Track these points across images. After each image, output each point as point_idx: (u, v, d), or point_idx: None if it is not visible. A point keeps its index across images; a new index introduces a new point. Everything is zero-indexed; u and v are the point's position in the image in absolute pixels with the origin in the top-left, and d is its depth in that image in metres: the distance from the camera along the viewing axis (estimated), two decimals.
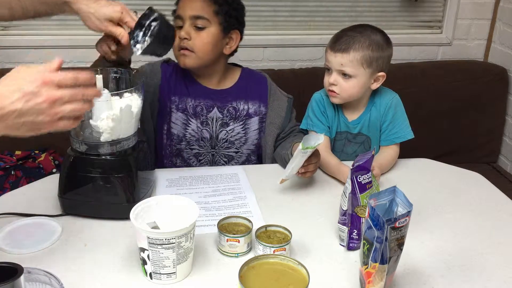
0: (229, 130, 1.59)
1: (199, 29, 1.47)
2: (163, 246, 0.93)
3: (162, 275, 0.96)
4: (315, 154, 1.34)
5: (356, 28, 1.46)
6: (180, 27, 1.48)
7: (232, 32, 1.54)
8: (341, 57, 1.42)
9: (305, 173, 1.35)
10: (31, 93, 0.79)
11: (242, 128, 1.60)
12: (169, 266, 0.95)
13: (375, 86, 1.47)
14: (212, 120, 1.58)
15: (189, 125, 1.57)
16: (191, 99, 1.57)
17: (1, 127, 0.79)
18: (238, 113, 1.59)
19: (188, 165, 1.60)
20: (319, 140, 1.25)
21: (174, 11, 1.56)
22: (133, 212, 0.97)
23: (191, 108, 1.57)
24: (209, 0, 1.48)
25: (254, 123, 1.61)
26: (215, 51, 1.52)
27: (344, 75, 1.43)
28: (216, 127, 1.58)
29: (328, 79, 1.47)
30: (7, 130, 0.80)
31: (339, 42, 1.44)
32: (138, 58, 2.22)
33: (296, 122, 1.67)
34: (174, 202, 1.04)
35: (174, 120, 1.58)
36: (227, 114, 1.58)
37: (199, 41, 1.47)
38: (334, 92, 1.46)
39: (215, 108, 1.57)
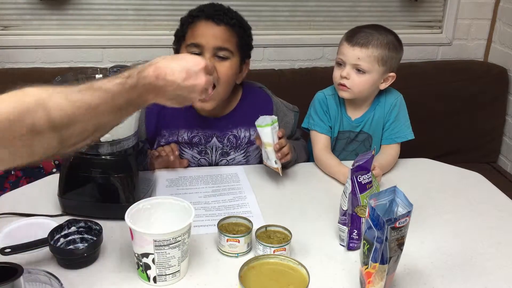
0: (229, 160, 1.52)
1: (221, 59, 1.37)
2: (170, 246, 0.93)
3: (167, 275, 0.96)
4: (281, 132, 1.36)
5: (372, 26, 1.47)
6: (195, 54, 1.34)
7: (246, 61, 1.48)
8: (359, 51, 1.41)
9: (280, 149, 1.33)
10: (193, 73, 0.92)
11: (243, 156, 1.52)
12: (175, 265, 0.96)
13: (383, 86, 1.48)
14: (212, 149, 1.50)
15: (183, 155, 1.50)
16: (185, 130, 1.48)
17: (160, 94, 0.90)
18: (239, 142, 1.50)
19: None
20: (271, 119, 1.33)
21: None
22: (128, 218, 0.95)
23: (185, 139, 1.48)
24: (233, 32, 1.39)
25: (255, 148, 1.52)
26: (233, 82, 1.44)
27: (358, 70, 1.43)
28: (216, 156, 1.51)
29: (340, 73, 1.46)
30: (161, 97, 0.91)
31: (357, 36, 1.43)
32: (138, 59, 2.23)
33: (297, 130, 1.61)
34: (164, 204, 1.03)
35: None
36: (227, 144, 1.50)
37: (222, 73, 1.36)
38: (345, 86, 1.45)
39: (214, 138, 1.49)
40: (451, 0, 2.40)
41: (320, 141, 1.52)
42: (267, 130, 1.31)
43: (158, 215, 1.02)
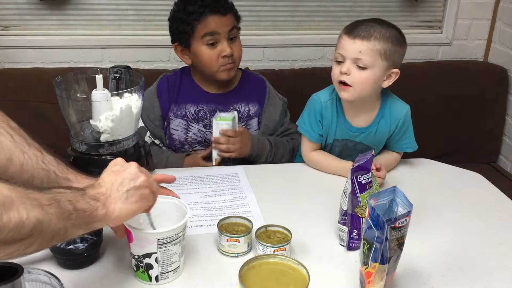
0: None
1: (234, 39, 1.57)
2: (172, 242, 0.93)
3: (169, 273, 0.96)
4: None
5: (373, 20, 1.37)
6: (211, 45, 1.54)
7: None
8: (360, 43, 1.30)
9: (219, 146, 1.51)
10: (120, 165, 0.87)
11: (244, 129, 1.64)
12: (176, 261, 0.96)
13: (386, 84, 1.37)
14: None
15: (190, 130, 1.63)
16: (191, 105, 1.63)
17: (111, 202, 0.82)
18: (240, 115, 1.64)
19: None
20: (230, 115, 1.52)
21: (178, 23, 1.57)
22: (127, 222, 0.94)
23: (192, 113, 1.63)
24: (233, 14, 1.58)
25: (254, 123, 1.67)
26: None
27: (359, 66, 1.32)
28: None
29: (340, 69, 1.34)
30: (116, 204, 0.82)
31: (358, 29, 1.32)
32: (138, 59, 2.23)
33: (289, 125, 1.71)
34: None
35: (174, 127, 1.63)
36: None
37: (237, 51, 1.57)
38: (346, 85, 1.35)
39: (218, 112, 1.61)
40: (451, 0, 2.40)
41: (310, 146, 1.49)
42: (214, 123, 1.52)
43: (144, 215, 1.00)
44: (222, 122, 1.50)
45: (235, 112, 1.59)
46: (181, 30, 1.56)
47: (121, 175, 0.85)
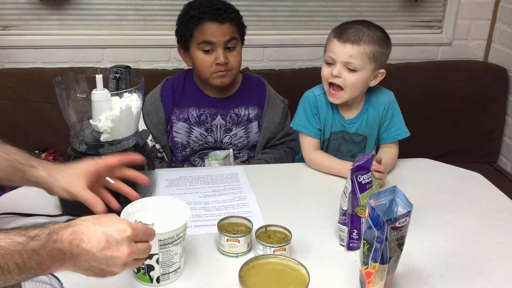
0: (232, 135, 1.66)
1: (231, 49, 1.57)
2: (173, 243, 0.93)
3: (170, 273, 0.96)
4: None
5: (360, 22, 1.42)
6: (207, 51, 1.55)
7: (243, 42, 1.65)
8: (351, 48, 1.36)
9: None
10: (114, 243, 0.78)
11: (244, 132, 1.66)
12: (177, 262, 0.96)
13: (373, 83, 1.44)
14: (217, 127, 1.65)
15: (192, 133, 1.64)
16: (194, 108, 1.64)
17: (71, 264, 0.78)
18: (239, 119, 1.67)
19: (194, 166, 1.67)
20: (225, 153, 1.61)
21: (180, 27, 1.60)
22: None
23: (194, 117, 1.64)
24: (234, 23, 1.57)
25: (254, 126, 1.69)
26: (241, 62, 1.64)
27: (349, 68, 1.37)
28: (220, 133, 1.66)
29: (331, 71, 1.39)
30: (74, 267, 0.79)
31: (347, 33, 1.37)
32: (138, 59, 2.23)
33: (290, 129, 1.70)
34: (155, 204, 1.02)
35: (176, 130, 1.64)
36: (230, 120, 1.66)
37: (234, 61, 1.58)
38: (336, 87, 1.40)
39: (219, 116, 1.65)
40: (451, 0, 2.40)
41: (310, 144, 1.49)
42: (207, 163, 1.60)
43: (141, 217, 0.99)
44: (214, 162, 1.59)
45: (231, 150, 1.64)
46: (181, 33, 1.60)
47: (102, 260, 0.78)
